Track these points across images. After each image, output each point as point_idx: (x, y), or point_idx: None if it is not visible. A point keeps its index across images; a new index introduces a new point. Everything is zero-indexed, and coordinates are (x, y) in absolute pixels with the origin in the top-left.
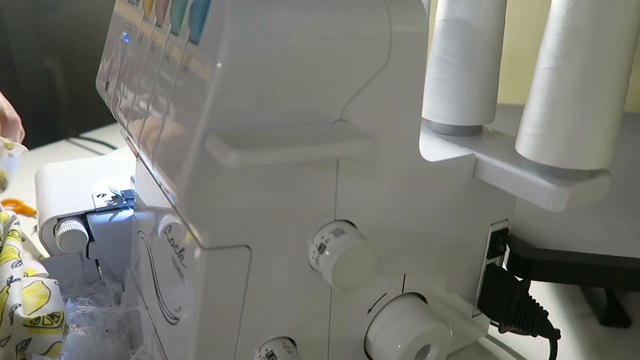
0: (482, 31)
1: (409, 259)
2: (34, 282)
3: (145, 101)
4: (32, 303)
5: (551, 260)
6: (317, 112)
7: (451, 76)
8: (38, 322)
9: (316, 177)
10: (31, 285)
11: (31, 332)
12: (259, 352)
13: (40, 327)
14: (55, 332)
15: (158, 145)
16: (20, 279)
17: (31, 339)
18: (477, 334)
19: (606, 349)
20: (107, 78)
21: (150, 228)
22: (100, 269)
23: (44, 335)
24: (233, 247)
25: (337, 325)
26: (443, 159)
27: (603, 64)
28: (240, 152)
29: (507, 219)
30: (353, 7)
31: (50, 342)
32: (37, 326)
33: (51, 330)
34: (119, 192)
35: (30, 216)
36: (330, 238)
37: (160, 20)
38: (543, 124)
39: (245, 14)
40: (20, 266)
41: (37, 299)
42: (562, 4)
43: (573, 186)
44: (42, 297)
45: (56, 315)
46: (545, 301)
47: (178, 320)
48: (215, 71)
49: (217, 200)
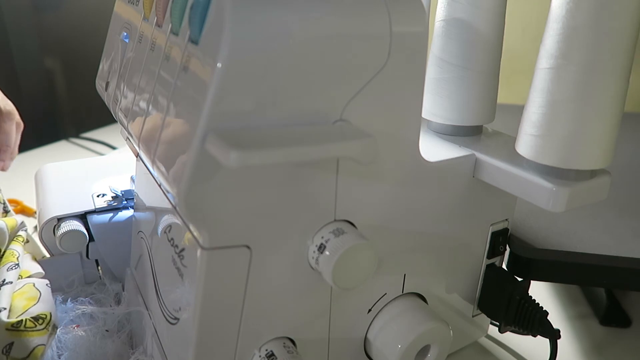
0: (482, 31)
1: (409, 259)
2: (25, 284)
3: (145, 101)
4: (19, 306)
5: (551, 260)
6: (317, 112)
7: (451, 76)
8: (20, 325)
9: (316, 177)
10: (22, 287)
11: (13, 336)
12: (259, 352)
13: (22, 331)
14: (39, 335)
15: (158, 145)
16: (13, 282)
17: (14, 342)
18: (477, 334)
19: (606, 349)
20: (107, 78)
21: (150, 228)
22: (100, 269)
23: (25, 338)
24: (233, 247)
25: (337, 325)
26: (443, 159)
27: (603, 64)
28: (240, 152)
29: (507, 219)
30: (353, 7)
31: (32, 346)
32: (18, 329)
33: (34, 332)
34: (119, 192)
35: (30, 216)
36: (330, 238)
37: (160, 20)
38: (543, 124)
39: (245, 14)
40: (15, 269)
41: (26, 302)
42: (562, 4)
43: (573, 186)
44: (32, 299)
45: (41, 317)
46: (545, 301)
47: (178, 320)
48: (215, 71)
49: (217, 200)
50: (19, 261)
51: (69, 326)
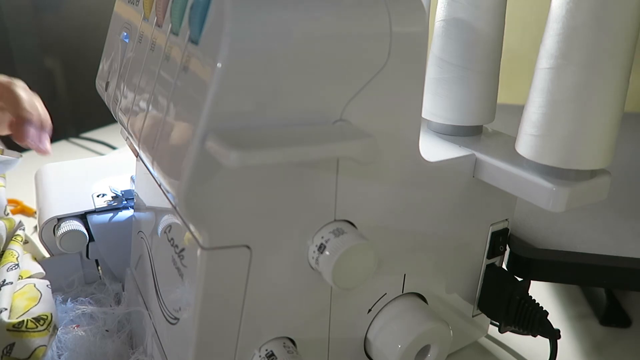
0: (482, 31)
1: (409, 259)
2: (26, 284)
3: (145, 101)
4: (20, 306)
5: (551, 260)
6: (317, 112)
7: (451, 76)
8: (21, 326)
9: (316, 177)
10: (23, 288)
11: (14, 337)
12: (259, 352)
13: (24, 331)
14: (41, 336)
15: (158, 145)
16: (13, 283)
17: (15, 343)
18: (477, 334)
19: (606, 349)
20: (107, 78)
21: (150, 228)
22: (100, 269)
23: (26, 339)
24: (233, 247)
25: (337, 325)
26: (443, 159)
27: (603, 64)
28: (240, 152)
29: (507, 219)
30: (353, 7)
31: (33, 346)
32: (20, 330)
33: (35, 333)
34: (119, 192)
35: (30, 216)
36: (330, 238)
37: (160, 20)
38: (543, 124)
39: (245, 14)
40: (15, 269)
41: (27, 302)
42: (562, 4)
43: (573, 186)
44: (32, 299)
45: (42, 318)
46: (545, 301)
47: (178, 320)
48: (215, 71)
49: (217, 200)
50: (19, 261)
51: (69, 326)
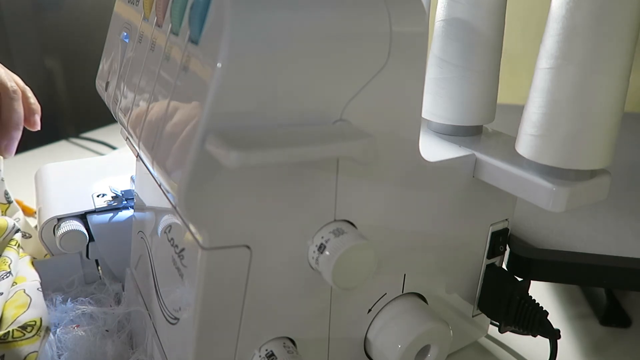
0: (482, 31)
1: (409, 259)
2: (16, 292)
3: (145, 101)
4: (9, 316)
5: (551, 260)
6: (317, 112)
7: (451, 76)
8: (7, 337)
9: (316, 177)
10: (13, 296)
11: (3, 349)
12: (259, 352)
13: (10, 342)
14: (30, 342)
15: (158, 145)
16: (4, 293)
17: (4, 355)
18: (477, 334)
19: (606, 349)
20: (107, 78)
21: (150, 228)
22: (100, 269)
23: (15, 349)
24: (233, 247)
25: (337, 325)
26: (443, 159)
27: (603, 64)
28: (241, 152)
29: (507, 219)
30: (353, 7)
31: (23, 354)
32: (6, 341)
33: (24, 341)
34: (119, 192)
35: (30, 216)
36: (330, 238)
37: (160, 20)
38: (543, 124)
39: (245, 14)
40: (7, 278)
41: (15, 310)
42: (562, 4)
43: (573, 186)
44: (21, 307)
45: (29, 325)
46: (545, 301)
47: (178, 320)
48: (215, 71)
49: (217, 200)
50: (11, 268)
51: (69, 326)
